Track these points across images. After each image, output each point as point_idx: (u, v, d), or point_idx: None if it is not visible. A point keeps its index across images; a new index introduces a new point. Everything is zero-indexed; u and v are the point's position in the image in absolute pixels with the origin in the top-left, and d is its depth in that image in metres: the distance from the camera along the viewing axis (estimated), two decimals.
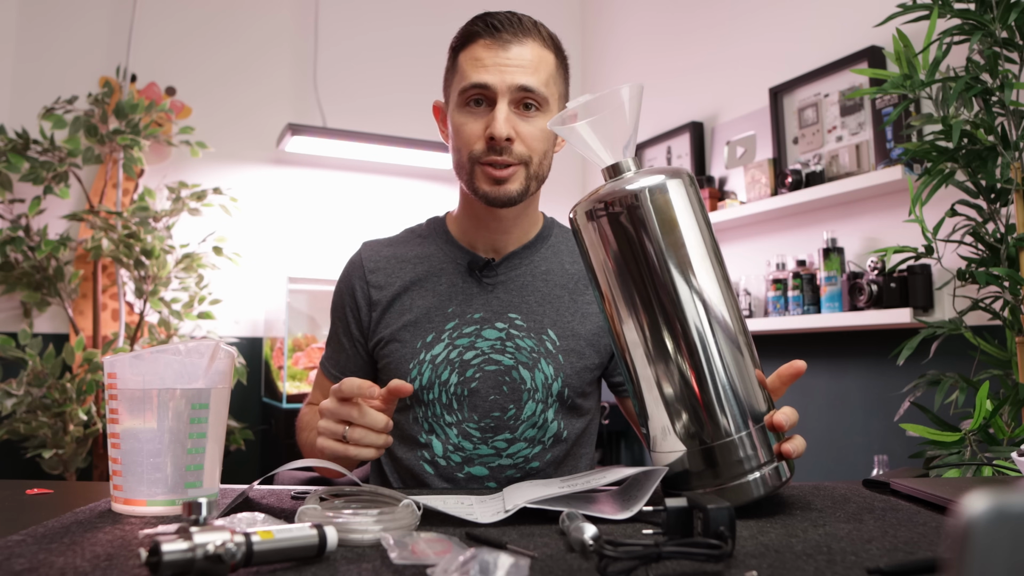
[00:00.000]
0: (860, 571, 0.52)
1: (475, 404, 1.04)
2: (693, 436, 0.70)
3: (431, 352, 1.05)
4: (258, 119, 3.05)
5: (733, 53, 2.79)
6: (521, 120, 1.00)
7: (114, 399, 0.71)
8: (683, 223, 0.71)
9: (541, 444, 1.06)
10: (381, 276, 1.12)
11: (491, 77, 0.99)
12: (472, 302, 1.08)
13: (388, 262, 1.14)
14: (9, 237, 2.46)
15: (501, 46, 1.00)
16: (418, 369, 1.05)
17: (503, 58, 0.99)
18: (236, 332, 2.94)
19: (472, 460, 1.04)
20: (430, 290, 1.09)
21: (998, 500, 0.29)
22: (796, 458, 0.73)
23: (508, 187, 1.01)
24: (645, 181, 0.71)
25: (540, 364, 1.05)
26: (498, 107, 0.99)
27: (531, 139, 1.01)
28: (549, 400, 1.05)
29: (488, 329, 1.06)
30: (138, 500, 0.70)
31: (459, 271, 1.10)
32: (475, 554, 0.47)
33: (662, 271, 0.70)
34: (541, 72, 1.01)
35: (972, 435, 1.40)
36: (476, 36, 1.01)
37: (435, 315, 1.07)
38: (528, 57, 1.00)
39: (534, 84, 1.00)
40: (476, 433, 1.04)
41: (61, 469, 2.38)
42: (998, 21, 1.56)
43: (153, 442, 0.70)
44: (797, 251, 2.43)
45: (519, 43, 1.00)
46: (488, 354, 1.05)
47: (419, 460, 1.06)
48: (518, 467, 1.05)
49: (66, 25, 2.82)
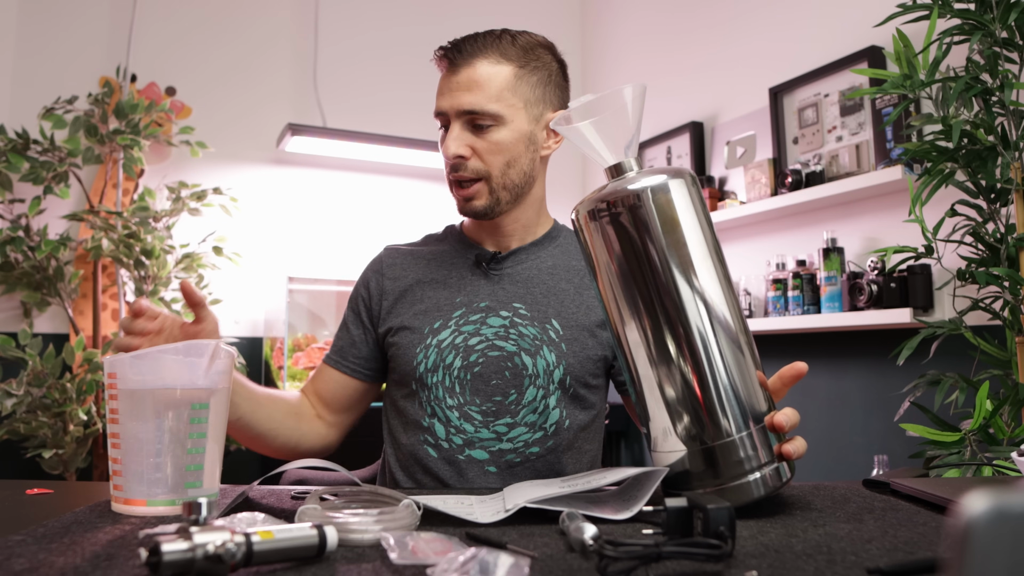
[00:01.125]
0: (860, 571, 0.52)
1: (477, 388, 1.07)
2: (694, 436, 0.70)
3: (438, 337, 1.09)
4: (258, 119, 3.05)
5: (733, 53, 2.79)
6: (476, 137, 1.07)
7: (114, 399, 0.71)
8: (685, 223, 0.71)
9: (542, 431, 1.07)
10: (397, 270, 1.19)
11: (443, 102, 1.08)
12: (479, 292, 1.12)
13: (405, 259, 1.20)
14: (9, 237, 2.46)
15: (452, 71, 1.08)
16: (424, 353, 1.09)
17: (453, 83, 1.07)
18: (236, 332, 2.94)
19: (473, 443, 1.06)
20: (441, 283, 1.15)
21: (998, 500, 0.29)
22: (797, 459, 0.73)
23: (474, 203, 1.09)
24: (647, 181, 0.71)
25: (543, 351, 1.08)
26: (451, 129, 1.07)
27: (487, 153, 1.07)
28: (551, 387, 1.07)
29: (493, 317, 1.10)
30: (138, 500, 0.70)
31: (468, 265, 1.16)
32: (475, 554, 0.47)
33: (664, 271, 0.70)
34: (489, 89, 1.06)
35: (972, 435, 1.40)
36: (438, 62, 1.10)
37: (444, 304, 1.12)
38: (474, 78, 1.06)
39: (476, 104, 1.05)
40: (478, 416, 1.07)
41: (61, 469, 2.38)
42: (998, 21, 1.56)
43: (153, 442, 0.70)
44: (797, 251, 2.43)
45: (467, 65, 1.07)
46: (492, 340, 1.08)
47: (422, 444, 1.08)
48: (518, 452, 1.07)
49: (66, 25, 2.82)
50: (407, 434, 1.11)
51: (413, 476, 1.10)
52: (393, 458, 1.14)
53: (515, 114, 1.08)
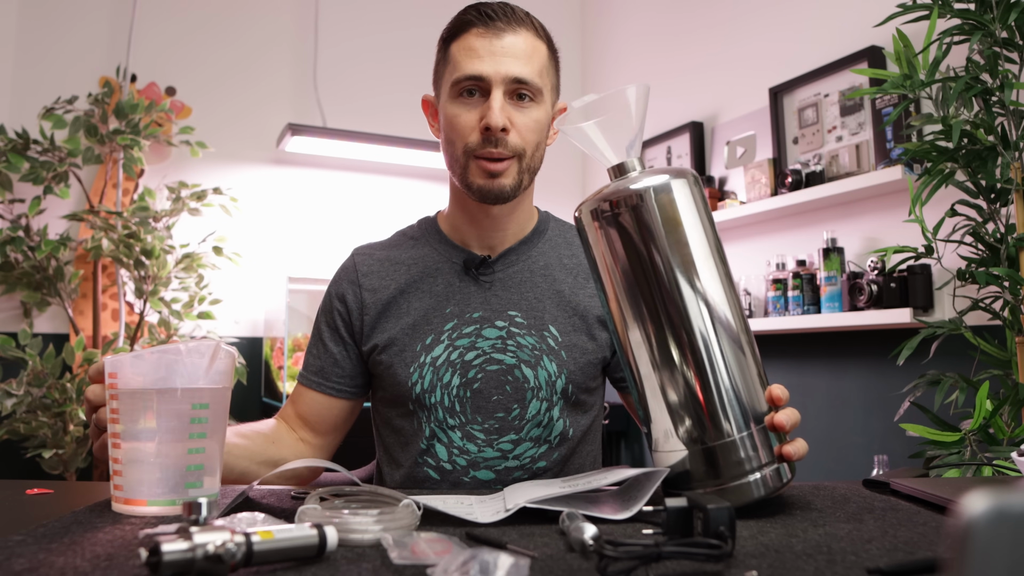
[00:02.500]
0: (860, 571, 0.52)
1: (478, 405, 1.02)
2: (695, 437, 0.70)
3: (431, 355, 1.03)
4: (258, 119, 3.05)
5: (733, 53, 2.79)
6: (516, 110, 0.99)
7: (115, 399, 0.71)
8: (687, 222, 0.71)
9: (547, 443, 1.04)
10: (375, 280, 1.09)
11: (485, 67, 0.97)
12: (470, 301, 1.06)
13: (382, 265, 1.11)
14: (9, 237, 2.46)
15: (495, 35, 0.98)
16: (419, 373, 1.03)
17: (497, 47, 0.97)
18: (236, 332, 2.94)
19: (477, 464, 1.02)
20: (427, 292, 1.07)
21: (998, 500, 0.29)
22: (797, 460, 0.73)
23: (502, 180, 0.99)
24: (649, 181, 0.71)
25: (543, 361, 1.03)
26: (493, 96, 0.97)
27: (526, 130, 0.99)
28: (554, 398, 1.03)
29: (488, 328, 1.04)
30: (138, 500, 0.70)
31: (455, 270, 1.08)
32: (475, 554, 0.47)
33: (666, 271, 0.70)
34: (535, 62, 0.99)
35: (972, 435, 1.40)
36: (469, 25, 0.99)
37: (433, 316, 1.05)
38: (522, 47, 0.98)
39: (528, 75, 0.98)
40: (481, 435, 1.02)
41: (61, 469, 2.38)
42: (998, 21, 1.56)
43: (153, 442, 0.70)
44: (797, 251, 2.43)
45: (513, 32, 0.99)
46: (489, 354, 1.03)
47: (422, 467, 1.04)
48: (525, 468, 1.03)
49: (66, 25, 2.82)
50: (405, 454, 1.06)
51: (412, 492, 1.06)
52: (390, 478, 1.08)
53: (547, 95, 1.02)
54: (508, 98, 0.98)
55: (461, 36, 1.00)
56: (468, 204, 1.07)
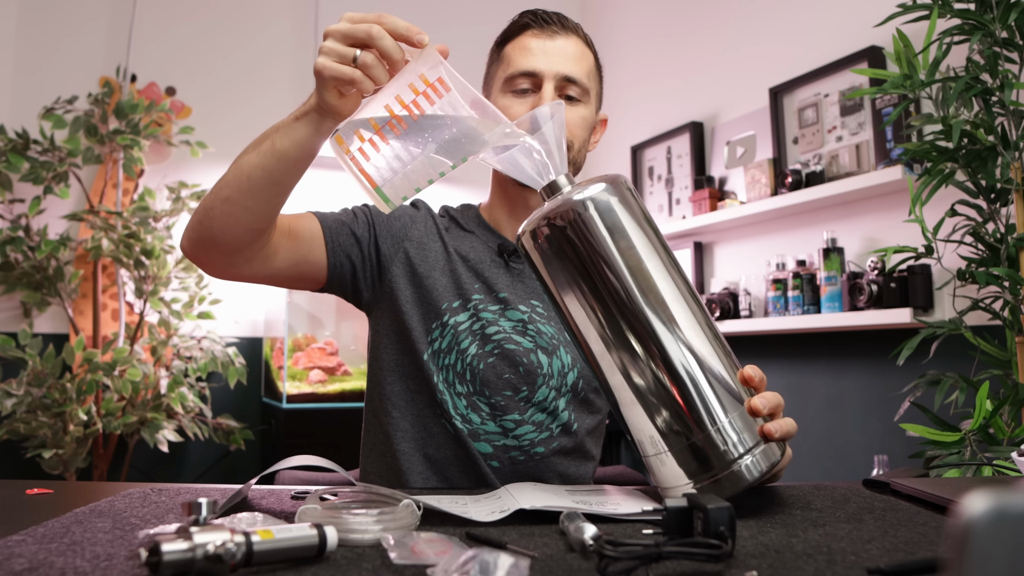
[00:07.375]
0: (860, 571, 0.52)
1: (487, 379, 1.05)
2: (677, 434, 0.70)
3: (456, 318, 1.06)
4: (258, 119, 3.05)
5: (733, 54, 2.79)
6: (566, 106, 1.03)
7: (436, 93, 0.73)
8: (629, 226, 0.71)
9: (549, 431, 1.06)
10: (419, 230, 1.11)
11: (539, 63, 1.04)
12: (498, 282, 1.09)
13: (431, 223, 1.13)
14: (9, 237, 2.46)
15: (549, 37, 1.06)
16: (440, 331, 1.06)
17: (550, 47, 1.05)
18: (236, 332, 2.94)
19: (478, 435, 1.04)
20: (462, 260, 1.09)
21: (998, 500, 0.29)
22: (785, 439, 0.72)
23: None
24: (585, 192, 0.71)
25: (559, 352, 1.07)
26: (544, 89, 1.03)
27: (573, 125, 1.05)
28: (563, 389, 1.06)
29: (512, 310, 1.07)
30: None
31: (489, 252, 1.12)
32: (475, 554, 0.47)
33: (617, 277, 0.70)
34: (584, 64, 1.07)
35: (972, 435, 1.40)
36: (526, 27, 1.07)
37: (464, 283, 1.07)
38: (572, 50, 1.06)
39: (578, 74, 1.05)
40: (485, 408, 1.04)
41: (61, 469, 2.38)
42: (998, 21, 1.56)
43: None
44: (797, 251, 2.43)
45: (565, 36, 1.07)
46: (510, 334, 1.06)
47: (437, 418, 1.05)
48: (523, 450, 1.05)
49: (66, 25, 2.82)
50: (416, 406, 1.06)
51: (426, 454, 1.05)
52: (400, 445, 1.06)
53: (593, 99, 1.10)
54: (558, 95, 1.05)
55: (517, 37, 1.08)
56: (510, 193, 1.12)
